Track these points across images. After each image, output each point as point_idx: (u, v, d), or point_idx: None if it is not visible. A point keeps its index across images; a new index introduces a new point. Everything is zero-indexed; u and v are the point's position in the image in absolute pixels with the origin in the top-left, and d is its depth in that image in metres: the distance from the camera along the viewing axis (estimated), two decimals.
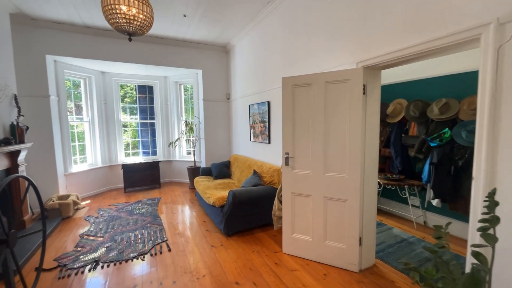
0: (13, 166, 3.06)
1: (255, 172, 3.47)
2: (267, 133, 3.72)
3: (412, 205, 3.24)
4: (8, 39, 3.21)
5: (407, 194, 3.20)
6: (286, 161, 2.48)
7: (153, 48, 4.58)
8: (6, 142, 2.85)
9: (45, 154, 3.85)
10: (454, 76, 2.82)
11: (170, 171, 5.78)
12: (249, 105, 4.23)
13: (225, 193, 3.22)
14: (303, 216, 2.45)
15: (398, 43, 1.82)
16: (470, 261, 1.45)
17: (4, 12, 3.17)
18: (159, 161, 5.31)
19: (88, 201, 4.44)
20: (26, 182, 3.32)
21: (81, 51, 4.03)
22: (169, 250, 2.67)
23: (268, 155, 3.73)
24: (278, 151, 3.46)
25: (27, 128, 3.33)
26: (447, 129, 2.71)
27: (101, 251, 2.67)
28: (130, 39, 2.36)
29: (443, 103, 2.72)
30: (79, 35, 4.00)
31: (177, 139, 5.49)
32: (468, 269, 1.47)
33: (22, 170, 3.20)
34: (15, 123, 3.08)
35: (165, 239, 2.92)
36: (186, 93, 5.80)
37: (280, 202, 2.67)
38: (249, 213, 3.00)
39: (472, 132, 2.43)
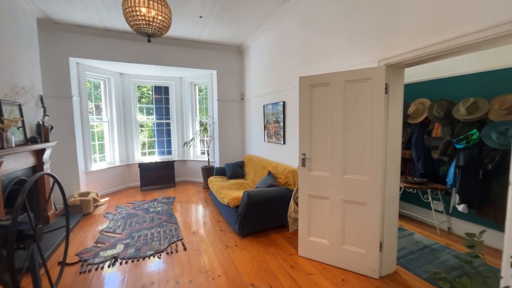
0: (39, 164, 3.20)
1: (269, 173, 3.44)
2: (281, 133, 3.67)
3: (435, 210, 3.08)
4: (35, 43, 3.38)
5: (430, 199, 3.05)
6: (303, 162, 2.43)
7: (169, 50, 4.66)
8: (33, 140, 2.99)
9: (68, 152, 4.01)
10: (484, 74, 2.65)
11: (185, 170, 5.86)
12: (264, 105, 4.20)
13: (239, 194, 3.22)
14: (320, 218, 2.39)
15: (426, 39, 1.73)
16: (508, 272, 1.34)
17: (31, 17, 3.34)
18: (174, 161, 5.40)
19: (107, 199, 4.58)
20: (51, 179, 3.48)
21: (101, 53, 4.17)
22: (185, 249, 2.70)
23: (283, 156, 3.69)
24: (293, 152, 3.41)
25: (52, 127, 3.48)
26: (475, 130, 2.55)
27: (119, 247, 2.73)
28: (149, 41, 2.40)
29: (471, 103, 2.56)
30: (99, 38, 4.14)
31: (192, 139, 5.56)
32: (505, 282, 1.36)
33: (47, 168, 3.35)
34: (41, 122, 3.23)
35: (180, 237, 2.95)
36: (200, 93, 5.86)
37: (296, 204, 2.62)
38: (263, 214, 2.97)
39: (504, 134, 2.27)
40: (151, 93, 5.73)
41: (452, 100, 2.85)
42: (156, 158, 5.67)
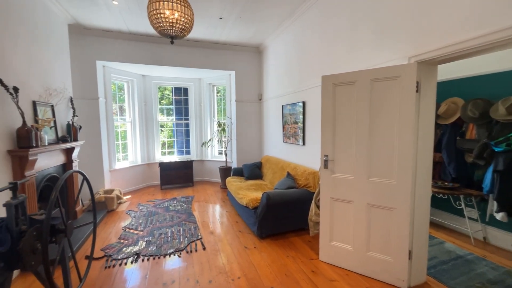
0: (68, 162, 3.37)
1: (288, 174, 3.38)
2: (301, 134, 3.60)
3: (469, 218, 2.86)
4: (66, 47, 3.57)
5: (463, 205, 2.83)
6: (325, 164, 2.35)
7: (189, 52, 4.75)
8: (63, 139, 3.16)
9: (94, 151, 4.21)
10: None
11: (203, 170, 5.94)
12: (282, 106, 4.15)
13: (258, 195, 3.19)
14: (343, 223, 2.29)
15: (466, 32, 1.59)
16: None
17: (64, 24, 3.54)
18: (192, 161, 5.49)
19: (129, 196, 4.74)
20: (80, 177, 3.66)
21: (125, 56, 4.34)
22: (204, 249, 2.71)
23: (302, 157, 3.61)
24: (313, 153, 3.32)
25: (80, 127, 3.66)
26: None
27: (141, 244, 2.80)
28: (172, 42, 2.45)
29: (511, 102, 2.35)
30: (124, 42, 4.31)
31: (210, 139, 5.62)
32: None
33: (75, 166, 3.52)
34: (70, 122, 3.41)
35: (199, 237, 2.97)
36: (218, 94, 5.92)
37: (317, 206, 2.54)
38: (283, 216, 2.92)
39: None
40: (171, 94, 5.88)
41: (489, 99, 2.63)
42: (175, 157, 5.80)
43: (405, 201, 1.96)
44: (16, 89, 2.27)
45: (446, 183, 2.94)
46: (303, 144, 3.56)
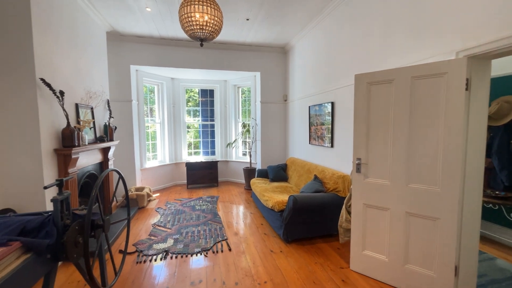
0: (105, 160, 3.60)
1: (316, 177, 3.26)
2: (329, 136, 3.46)
3: None
4: (104, 53, 3.83)
5: None
6: (358, 168, 2.21)
7: (216, 54, 4.84)
8: (101, 139, 3.38)
9: (127, 150, 4.45)
10: None
11: (227, 171, 6.01)
12: (309, 107, 4.03)
13: (284, 197, 3.12)
14: (377, 231, 2.14)
15: None
16: None
17: (103, 31, 3.79)
18: (217, 161, 5.57)
19: (158, 194, 4.94)
20: (115, 175, 3.88)
21: (156, 60, 4.54)
22: (230, 250, 2.71)
23: (331, 160, 3.47)
24: (342, 156, 3.18)
25: (115, 128, 3.89)
26: None
27: (170, 242, 2.88)
28: (201, 45, 2.49)
29: None
30: (155, 46, 4.51)
31: (234, 140, 5.67)
32: None
33: (111, 164, 3.75)
34: (107, 123, 3.63)
35: (225, 237, 2.98)
36: (243, 95, 5.96)
37: (349, 213, 2.41)
38: (310, 221, 2.82)
39: None
40: (197, 96, 6.05)
41: None
42: (200, 158, 5.94)
43: (452, 211, 1.77)
44: (62, 93, 2.46)
45: (496, 192, 2.62)
46: (331, 146, 3.42)
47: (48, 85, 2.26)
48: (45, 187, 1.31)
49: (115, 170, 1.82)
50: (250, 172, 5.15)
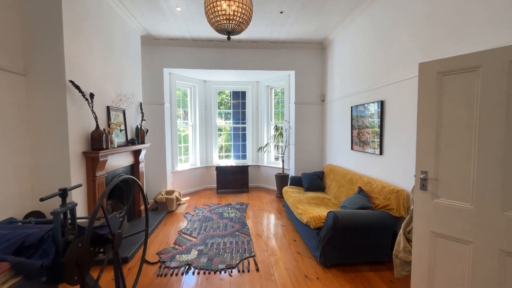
0: (136, 163, 3.59)
1: (360, 190, 2.75)
2: (377, 141, 2.92)
3: None
4: (138, 57, 3.87)
5: None
6: (422, 184, 1.70)
7: (248, 53, 4.61)
8: (132, 142, 3.37)
9: (158, 153, 4.45)
10: None
11: (258, 176, 5.72)
12: (352, 107, 3.51)
13: (321, 212, 2.68)
14: (452, 271, 1.59)
15: None
16: None
17: (137, 35, 3.84)
18: (248, 166, 5.31)
19: (187, 198, 4.87)
20: (147, 175, 3.87)
21: (189, 63, 4.48)
22: (257, 270, 2.37)
23: (378, 170, 2.91)
24: (394, 166, 2.62)
25: (147, 130, 3.89)
26: None
27: (194, 253, 2.67)
28: (228, 38, 2.24)
29: None
30: (187, 48, 4.46)
31: (266, 144, 5.36)
32: None
33: (142, 167, 3.74)
34: (139, 126, 3.64)
35: (253, 254, 2.66)
36: (275, 97, 5.62)
37: (408, 240, 1.89)
38: (354, 244, 2.34)
39: None
40: (229, 98, 5.91)
41: None
42: (231, 162, 5.76)
43: None
44: (92, 95, 2.44)
45: None
46: (380, 153, 2.86)
47: (77, 87, 2.24)
48: (42, 199, 1.15)
49: (130, 178, 1.64)
50: (282, 179, 4.77)
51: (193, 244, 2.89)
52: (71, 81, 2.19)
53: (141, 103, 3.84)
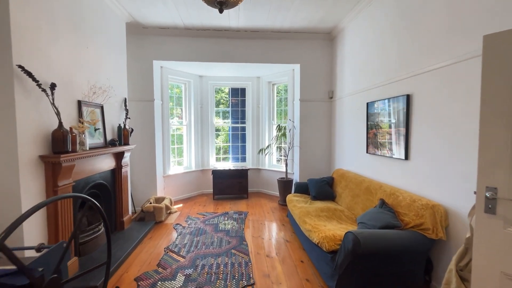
0: (118, 167, 3.12)
1: (383, 203, 2.26)
2: (402, 143, 2.43)
3: None
4: (123, 46, 3.40)
5: None
6: (489, 205, 1.21)
7: (248, 44, 4.13)
8: (112, 143, 2.89)
9: (147, 155, 3.98)
10: None
11: (259, 180, 5.23)
12: (367, 103, 3.03)
13: (336, 230, 2.20)
14: None
15: None
16: None
17: (121, 22, 3.37)
18: (248, 169, 4.83)
19: (180, 205, 4.39)
20: (134, 181, 3.38)
21: (181, 54, 4.01)
22: None
23: (404, 178, 2.42)
24: (425, 173, 2.13)
25: (132, 130, 3.42)
26: None
27: (179, 280, 2.19)
28: (221, 10, 1.76)
29: None
30: (180, 38, 3.99)
31: (268, 146, 4.87)
32: None
33: (126, 171, 3.27)
34: (122, 125, 3.17)
35: (251, 282, 2.17)
36: (278, 95, 5.14)
37: (462, 279, 1.40)
38: (379, 272, 1.85)
39: None
40: (228, 96, 5.43)
41: None
42: (229, 164, 5.27)
43: None
44: (53, 86, 1.97)
45: None
46: (406, 157, 2.37)
47: (29, 74, 1.77)
48: None
49: (81, 197, 1.15)
50: (285, 184, 4.29)
51: (180, 267, 2.41)
52: (20, 66, 1.72)
53: (125, 99, 3.37)
